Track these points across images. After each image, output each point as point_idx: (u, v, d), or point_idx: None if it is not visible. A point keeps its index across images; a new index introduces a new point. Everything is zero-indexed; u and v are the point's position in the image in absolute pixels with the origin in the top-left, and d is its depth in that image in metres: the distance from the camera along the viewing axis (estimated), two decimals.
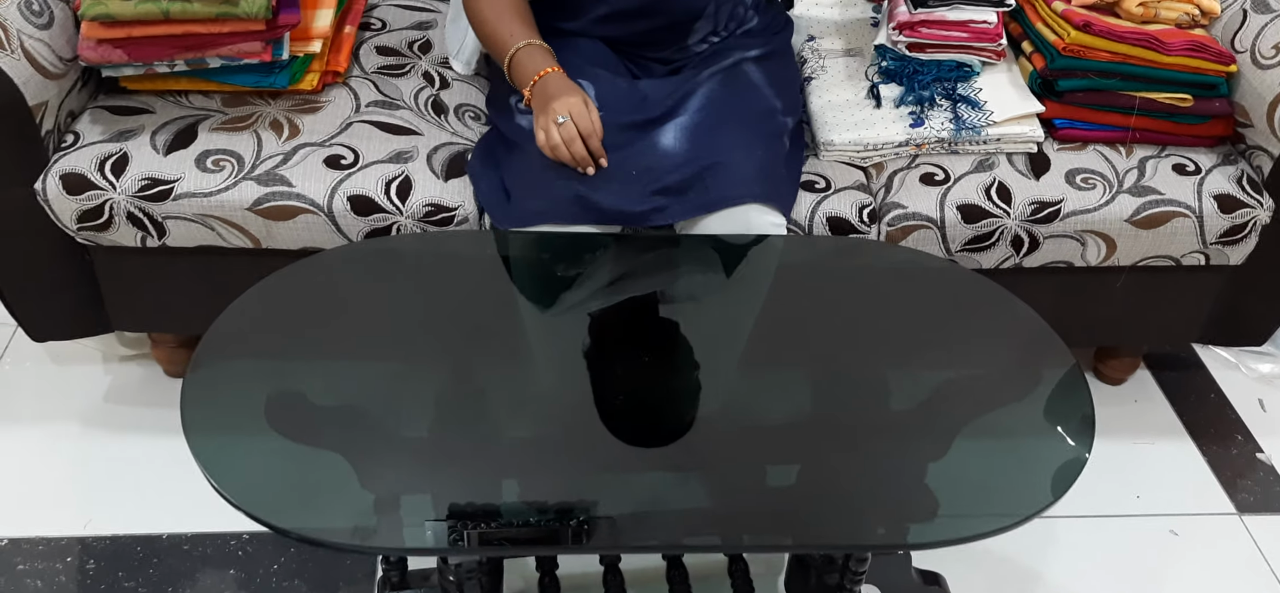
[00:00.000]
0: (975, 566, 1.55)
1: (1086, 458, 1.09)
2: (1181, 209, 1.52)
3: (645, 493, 1.05)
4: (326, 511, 1.01)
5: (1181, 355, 1.99)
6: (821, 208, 1.48)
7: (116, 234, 1.45)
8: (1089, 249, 1.54)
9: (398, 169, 1.46)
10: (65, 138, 1.46)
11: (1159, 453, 1.80)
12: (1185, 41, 1.51)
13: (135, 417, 1.72)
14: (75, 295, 1.55)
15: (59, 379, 1.78)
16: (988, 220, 1.50)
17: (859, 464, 1.12)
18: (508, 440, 1.10)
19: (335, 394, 1.13)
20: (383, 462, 1.05)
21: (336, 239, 1.45)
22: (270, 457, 1.05)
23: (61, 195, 1.41)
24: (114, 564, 1.50)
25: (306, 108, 1.54)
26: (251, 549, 1.53)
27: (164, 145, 1.45)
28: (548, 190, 1.36)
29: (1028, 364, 1.25)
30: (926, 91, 1.57)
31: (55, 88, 1.44)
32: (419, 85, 1.64)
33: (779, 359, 1.25)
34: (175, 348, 1.75)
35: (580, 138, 1.33)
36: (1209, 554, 1.63)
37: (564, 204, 1.36)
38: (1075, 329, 1.61)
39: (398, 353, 1.19)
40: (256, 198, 1.42)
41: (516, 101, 1.47)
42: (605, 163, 1.35)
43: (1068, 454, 1.10)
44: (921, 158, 1.57)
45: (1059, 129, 1.58)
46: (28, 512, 1.56)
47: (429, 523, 0.98)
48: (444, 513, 0.99)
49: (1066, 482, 1.07)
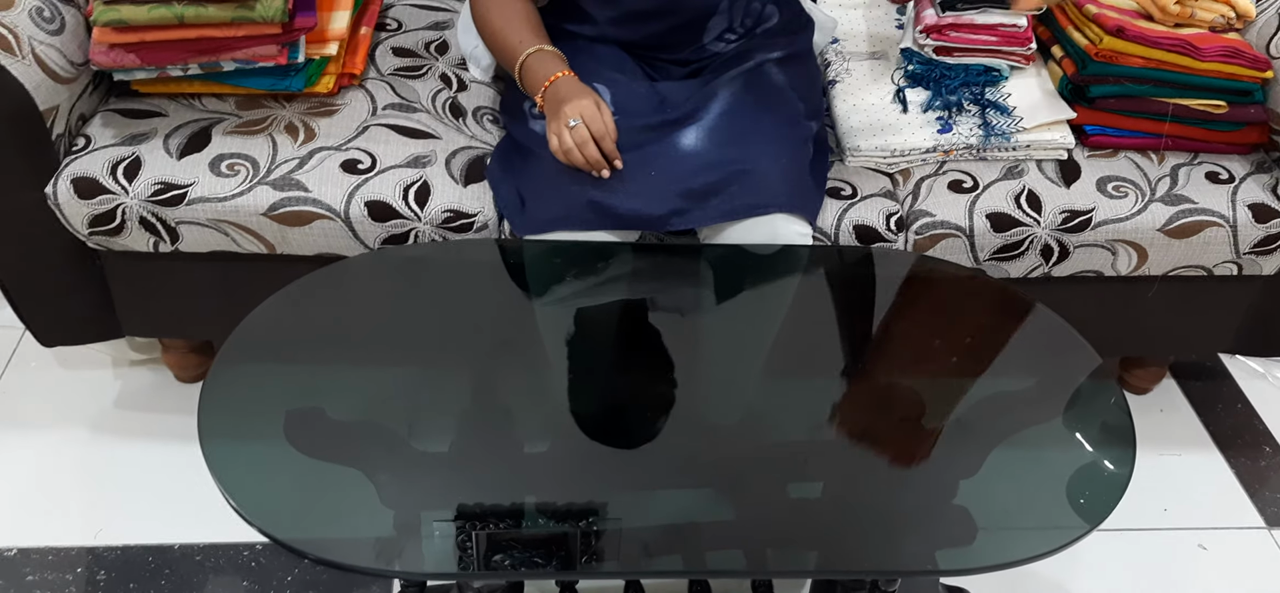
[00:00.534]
0: (1000, 577, 1.52)
1: (1126, 482, 1.06)
2: (1215, 218, 1.49)
3: (668, 512, 1.03)
4: (344, 527, 0.98)
5: (1208, 365, 1.96)
6: (848, 216, 1.45)
7: (128, 239, 1.42)
8: (1120, 259, 1.51)
9: (416, 174, 1.43)
10: (76, 142, 1.43)
11: (1186, 465, 1.76)
12: (1220, 47, 1.48)
13: (146, 423, 1.69)
14: (85, 300, 1.53)
15: (68, 385, 1.76)
16: (1018, 229, 1.47)
17: (889, 482, 1.09)
18: (527, 457, 1.07)
19: (354, 407, 1.10)
20: (400, 478, 1.02)
21: (353, 245, 1.42)
22: (287, 469, 1.03)
23: (73, 200, 1.38)
24: (125, 575, 1.47)
25: (322, 111, 1.51)
26: (264, 560, 1.50)
27: (177, 149, 1.43)
28: (563, 196, 1.33)
29: (1063, 379, 1.22)
30: (954, 96, 1.54)
31: (66, 92, 1.41)
32: (437, 88, 1.61)
33: (805, 373, 1.22)
34: (187, 353, 1.72)
35: (593, 140, 1.30)
36: (1238, 568, 1.60)
37: (579, 209, 1.33)
38: (1104, 339, 1.57)
39: (417, 365, 1.16)
40: (272, 203, 1.39)
41: (530, 107, 1.44)
42: (620, 164, 1.32)
43: (1105, 475, 1.07)
44: (949, 164, 1.54)
45: (1090, 136, 1.55)
46: (36, 520, 1.54)
47: (449, 543, 0.96)
48: (463, 534, 0.96)
49: (1105, 506, 1.04)
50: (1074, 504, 1.05)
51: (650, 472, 1.07)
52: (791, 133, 1.44)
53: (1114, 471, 1.07)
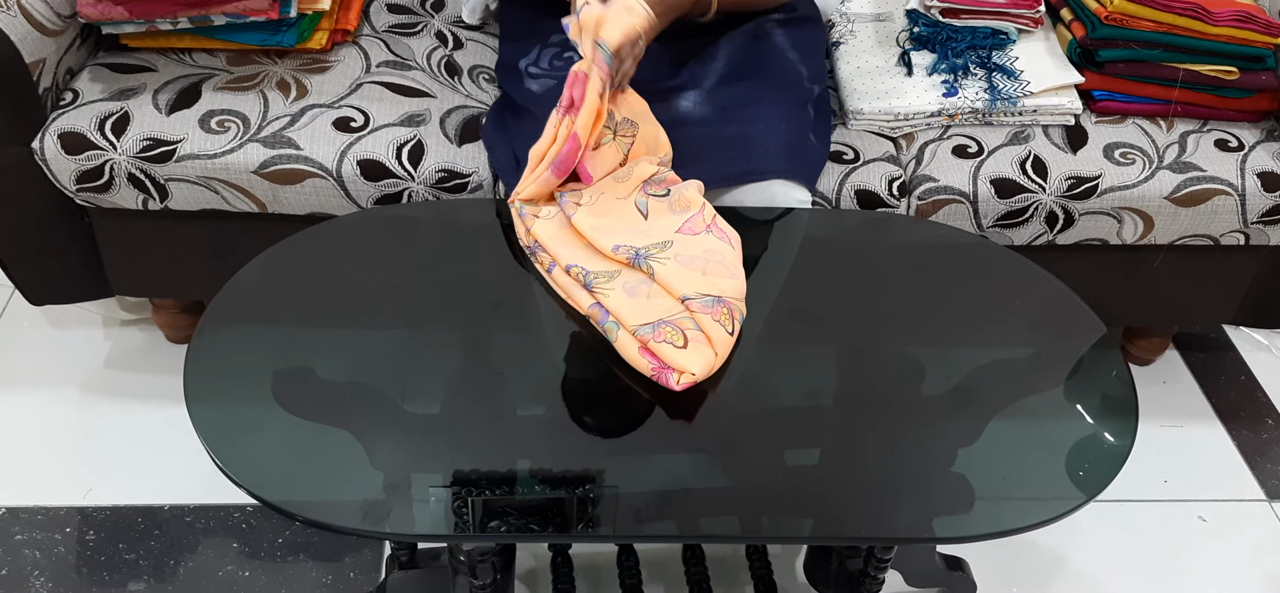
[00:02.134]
0: (998, 548, 1.52)
1: (1126, 453, 1.04)
2: (1223, 187, 1.46)
3: (661, 476, 1.01)
4: (334, 490, 0.96)
5: (1211, 336, 1.94)
6: (850, 180, 1.43)
7: (117, 196, 1.40)
8: (1125, 227, 1.49)
9: (409, 132, 1.41)
10: (64, 96, 1.41)
11: (1187, 437, 1.75)
12: (1233, 11, 1.45)
13: (136, 384, 1.68)
14: (74, 258, 1.50)
15: (58, 344, 1.74)
16: (1022, 195, 1.44)
17: (886, 449, 1.08)
18: (519, 420, 1.05)
19: (343, 368, 1.08)
20: (392, 440, 1.00)
21: (345, 205, 1.40)
22: (276, 431, 1.01)
23: (60, 155, 1.36)
24: (114, 535, 1.46)
25: (315, 67, 1.48)
26: (255, 522, 1.49)
27: (166, 105, 1.40)
28: None
29: (1066, 348, 1.20)
30: (960, 59, 1.51)
31: (53, 45, 1.38)
32: (432, 45, 1.58)
33: (803, 339, 1.20)
34: (177, 313, 1.71)
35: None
36: (1238, 540, 1.59)
37: None
38: (1108, 309, 1.55)
39: (408, 326, 1.14)
40: (262, 160, 1.37)
41: (526, 65, 1.41)
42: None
43: (1105, 446, 1.05)
44: (954, 129, 1.51)
45: (1098, 101, 1.52)
46: (26, 480, 1.52)
47: (440, 506, 0.94)
48: (454, 496, 0.95)
49: (1104, 477, 1.02)
50: (1072, 475, 1.03)
51: (643, 437, 1.05)
52: (792, 98, 1.41)
53: (1114, 442, 1.05)
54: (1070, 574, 1.52)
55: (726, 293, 1.11)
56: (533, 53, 1.45)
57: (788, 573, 1.48)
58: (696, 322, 1.08)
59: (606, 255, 1.15)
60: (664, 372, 1.04)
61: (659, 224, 1.19)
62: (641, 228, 1.19)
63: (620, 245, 1.15)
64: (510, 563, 1.29)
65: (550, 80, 1.40)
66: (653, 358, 1.05)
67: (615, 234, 1.17)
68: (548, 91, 1.37)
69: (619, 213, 1.20)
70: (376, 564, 1.45)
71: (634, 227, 1.19)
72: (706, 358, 1.05)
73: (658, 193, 1.23)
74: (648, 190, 1.23)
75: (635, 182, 1.24)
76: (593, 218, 1.18)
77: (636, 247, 1.15)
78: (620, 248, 1.15)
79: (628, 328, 1.08)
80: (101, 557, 1.43)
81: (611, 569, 1.35)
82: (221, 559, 1.44)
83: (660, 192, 1.23)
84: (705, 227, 1.19)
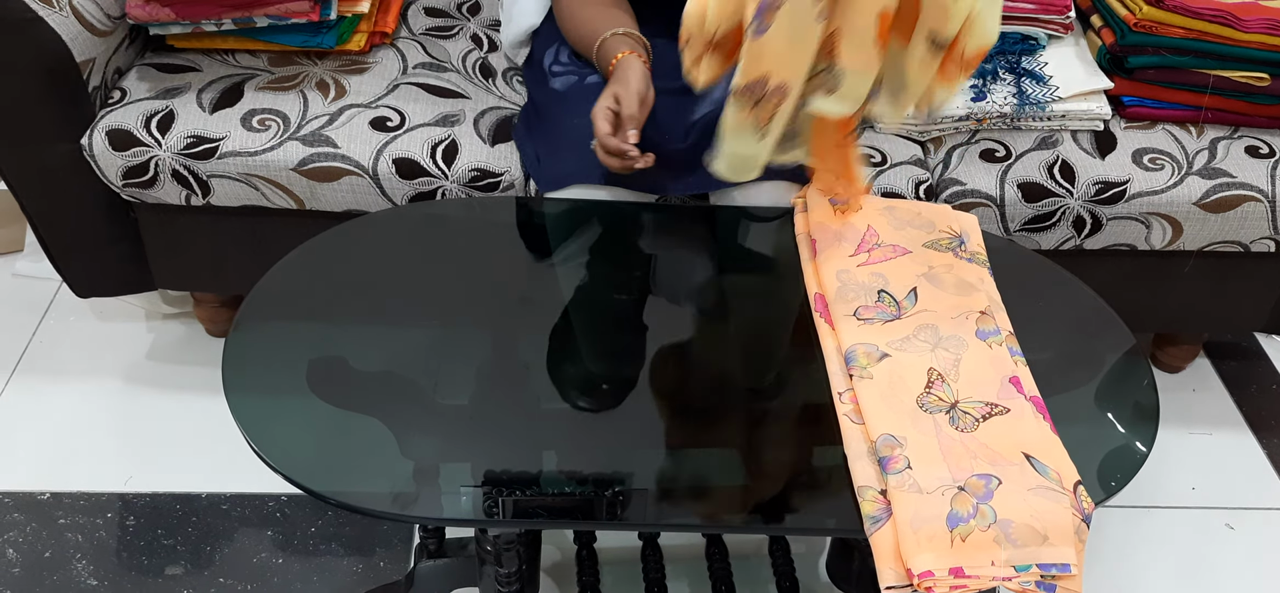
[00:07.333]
0: None
1: (1145, 455, 1.05)
2: (1253, 193, 1.46)
3: (686, 468, 1.03)
4: (365, 477, 0.99)
5: (1243, 344, 1.92)
6: (877, 183, 1.44)
7: (161, 192, 1.44)
8: (1154, 232, 1.49)
9: (444, 132, 1.44)
10: (112, 94, 1.45)
11: (1216, 444, 1.74)
12: (1264, 19, 1.44)
13: (177, 375, 1.72)
14: (119, 252, 1.55)
15: (102, 336, 1.79)
16: (1049, 199, 1.45)
17: None
18: (547, 411, 1.08)
19: (377, 359, 1.11)
20: (423, 429, 1.03)
21: (381, 202, 1.43)
22: (310, 420, 1.04)
23: (107, 151, 1.40)
24: (153, 521, 1.50)
25: (353, 68, 1.52)
26: (289, 511, 1.53)
27: (210, 103, 1.44)
28: (574, 152, 1.32)
29: (1092, 351, 1.20)
30: (989, 64, 1.52)
31: (102, 45, 1.43)
32: (467, 48, 1.61)
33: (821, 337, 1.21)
34: (218, 307, 1.75)
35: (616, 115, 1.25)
36: (1265, 549, 1.58)
37: (589, 166, 1.31)
38: (1135, 315, 1.55)
39: (440, 320, 1.17)
40: (301, 158, 1.40)
41: (550, 64, 1.43)
42: (635, 139, 1.22)
43: (1126, 448, 1.06)
44: (982, 133, 1.52)
45: (1127, 107, 1.52)
46: (69, 467, 1.57)
47: (467, 493, 0.96)
48: (482, 483, 0.97)
49: (1123, 478, 1.03)
50: (1091, 475, 1.03)
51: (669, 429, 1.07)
52: None
53: (1132, 449, 1.06)
54: (1096, 578, 1.51)
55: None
56: (555, 47, 1.47)
57: (810, 571, 1.49)
58: None
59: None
60: None
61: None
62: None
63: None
64: (536, 554, 1.31)
65: (572, 76, 1.41)
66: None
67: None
68: (570, 89, 1.39)
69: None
70: (405, 555, 1.48)
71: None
72: None
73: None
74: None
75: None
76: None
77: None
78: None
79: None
80: (141, 542, 1.48)
81: (635, 564, 1.37)
82: (256, 546, 1.48)
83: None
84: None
